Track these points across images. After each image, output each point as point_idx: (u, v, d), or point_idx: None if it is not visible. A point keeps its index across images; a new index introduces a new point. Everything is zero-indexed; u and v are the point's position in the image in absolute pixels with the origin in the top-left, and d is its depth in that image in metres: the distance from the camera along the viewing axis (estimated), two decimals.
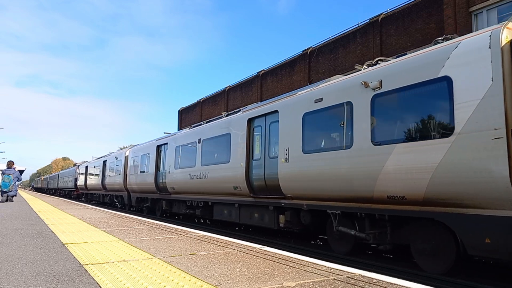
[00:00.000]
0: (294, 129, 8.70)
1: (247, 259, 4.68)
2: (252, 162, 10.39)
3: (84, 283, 3.45)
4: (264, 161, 9.88)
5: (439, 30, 17.19)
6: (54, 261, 4.41)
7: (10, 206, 15.27)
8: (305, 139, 8.36)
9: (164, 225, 8.84)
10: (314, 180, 7.95)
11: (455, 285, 5.77)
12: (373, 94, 6.86)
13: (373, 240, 7.11)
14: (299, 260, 4.63)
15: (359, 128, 7.04)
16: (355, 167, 6.99)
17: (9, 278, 3.60)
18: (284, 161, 8.84)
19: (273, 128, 9.72)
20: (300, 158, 8.37)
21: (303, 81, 24.80)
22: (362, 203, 6.99)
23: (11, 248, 5.23)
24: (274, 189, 9.32)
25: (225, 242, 6.08)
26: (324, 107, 7.94)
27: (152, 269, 4.03)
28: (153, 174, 16.63)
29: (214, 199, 12.10)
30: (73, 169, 40.20)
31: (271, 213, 9.63)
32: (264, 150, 9.95)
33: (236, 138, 11.04)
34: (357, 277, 3.78)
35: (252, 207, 10.47)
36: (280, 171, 8.93)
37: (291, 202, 8.81)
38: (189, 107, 41.19)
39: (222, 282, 3.53)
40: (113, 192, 23.48)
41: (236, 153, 10.90)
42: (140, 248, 5.37)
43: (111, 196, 24.15)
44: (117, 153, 24.20)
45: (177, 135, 15.27)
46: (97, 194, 28.46)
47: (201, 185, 12.61)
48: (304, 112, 8.44)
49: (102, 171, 25.61)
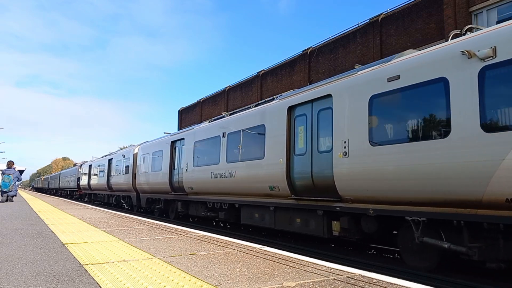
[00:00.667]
0: (356, 116, 7.17)
1: (247, 259, 4.68)
2: (293, 157, 8.85)
3: (84, 283, 3.45)
4: (311, 156, 8.35)
5: (439, 30, 17.20)
6: (54, 261, 4.41)
7: (10, 206, 15.27)
8: (373, 127, 6.83)
9: (164, 225, 8.84)
10: (387, 179, 6.45)
11: (455, 285, 5.77)
12: (481, 66, 5.42)
13: (478, 255, 5.55)
14: (299, 260, 4.63)
15: (460, 110, 5.56)
16: (455, 161, 5.52)
17: (9, 278, 3.60)
18: (341, 155, 7.36)
19: (324, 116, 8.15)
20: (367, 151, 6.86)
21: (303, 81, 24.81)
22: (462, 208, 5.52)
23: (11, 248, 5.23)
24: (325, 190, 7.84)
25: (225, 242, 6.08)
26: (401, 86, 6.43)
27: (152, 269, 4.03)
28: (167, 172, 15.29)
29: (242, 201, 10.70)
30: (76, 168, 39.02)
31: (320, 218, 8.10)
32: (311, 143, 8.40)
33: (273, 130, 9.50)
34: (357, 277, 3.78)
35: (292, 211, 8.97)
36: (336, 168, 7.46)
37: (350, 206, 7.32)
38: (189, 107, 41.21)
39: (222, 282, 3.53)
40: (120, 192, 22.23)
41: (273, 148, 9.38)
42: (140, 248, 5.37)
43: (118, 196, 22.94)
44: (124, 150, 22.92)
45: (196, 130, 13.84)
46: (101, 194, 27.13)
47: (226, 185, 11.23)
48: (372, 94, 6.92)
49: (108, 170, 24.38)
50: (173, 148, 15.41)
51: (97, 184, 27.16)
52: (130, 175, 20.06)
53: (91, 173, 29.17)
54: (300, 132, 8.78)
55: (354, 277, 3.78)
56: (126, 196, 21.50)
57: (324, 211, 7.97)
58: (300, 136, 8.79)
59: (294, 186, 8.77)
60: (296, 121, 8.96)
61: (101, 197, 27.45)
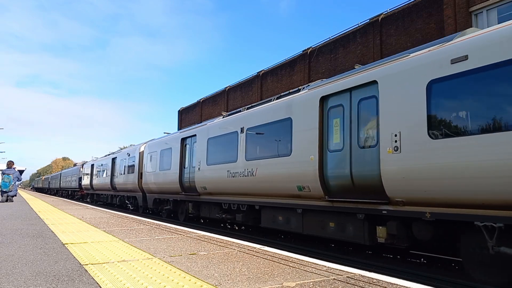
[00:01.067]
0: (410, 105, 6.26)
1: (247, 259, 4.68)
2: (327, 154, 7.96)
3: (84, 283, 3.45)
4: (350, 152, 7.46)
5: (439, 30, 17.20)
6: (54, 261, 4.41)
7: (10, 206, 15.27)
8: (432, 118, 5.93)
9: (164, 225, 8.84)
10: (454, 177, 5.51)
11: (455, 285, 5.77)
12: None
13: None
14: (299, 260, 4.62)
15: None
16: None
17: (9, 278, 3.60)
18: (391, 151, 6.45)
19: (366, 106, 7.25)
20: (426, 145, 5.93)
21: (303, 81, 24.81)
22: None
23: (11, 248, 5.23)
24: (369, 191, 6.98)
25: (225, 242, 6.08)
26: (471, 68, 5.52)
27: (152, 269, 4.03)
28: (177, 171, 14.41)
29: (263, 202, 9.89)
30: (77, 168, 38.03)
31: (360, 223, 7.27)
32: (350, 138, 7.49)
33: (302, 124, 8.60)
34: (357, 277, 3.78)
35: (324, 214, 8.14)
36: (385, 165, 6.54)
37: (401, 209, 6.44)
38: (189, 107, 41.23)
39: (222, 282, 3.53)
40: (125, 192, 21.46)
41: (301, 143, 8.48)
42: (140, 248, 5.37)
43: (122, 197, 22.18)
44: (129, 149, 22.01)
45: (209, 125, 12.95)
46: (104, 194, 26.28)
47: (245, 185, 10.39)
48: (430, 79, 6.03)
49: (111, 170, 23.58)
50: (183, 145, 14.56)
51: (100, 184, 26.58)
52: (136, 174, 19.32)
53: (94, 173, 28.51)
54: (336, 126, 7.89)
55: (354, 277, 3.78)
56: (131, 197, 20.80)
57: (366, 215, 7.11)
58: (335, 129, 7.90)
59: (328, 187, 7.92)
60: (330, 113, 8.07)
61: (104, 198, 26.63)
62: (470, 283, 5.77)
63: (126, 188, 21.11)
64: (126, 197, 21.53)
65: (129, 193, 20.78)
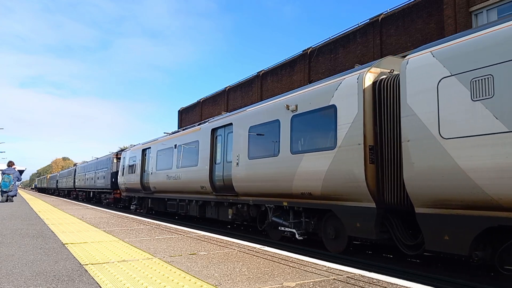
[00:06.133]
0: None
1: (247, 259, 4.68)
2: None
3: (84, 283, 3.45)
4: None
5: (439, 30, 17.20)
6: (54, 261, 4.42)
7: (10, 206, 15.27)
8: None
9: (164, 225, 8.84)
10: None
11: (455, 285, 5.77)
12: None
13: None
14: (299, 260, 4.63)
15: None
16: None
17: (9, 278, 3.61)
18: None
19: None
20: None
21: (303, 81, 24.80)
22: None
23: (11, 248, 5.23)
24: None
25: (225, 242, 6.08)
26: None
27: (152, 269, 4.03)
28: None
29: None
30: (108, 157, 26.35)
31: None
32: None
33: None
34: (357, 277, 3.78)
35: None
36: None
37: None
38: (189, 107, 41.24)
39: (222, 282, 3.53)
40: None
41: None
42: (140, 248, 5.37)
43: None
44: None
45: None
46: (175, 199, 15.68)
47: None
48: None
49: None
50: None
51: (160, 183, 16.43)
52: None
53: (157, 160, 17.07)
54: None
55: (354, 277, 3.78)
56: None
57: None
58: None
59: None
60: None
61: (172, 206, 15.64)
62: (470, 283, 5.78)
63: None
64: None
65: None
